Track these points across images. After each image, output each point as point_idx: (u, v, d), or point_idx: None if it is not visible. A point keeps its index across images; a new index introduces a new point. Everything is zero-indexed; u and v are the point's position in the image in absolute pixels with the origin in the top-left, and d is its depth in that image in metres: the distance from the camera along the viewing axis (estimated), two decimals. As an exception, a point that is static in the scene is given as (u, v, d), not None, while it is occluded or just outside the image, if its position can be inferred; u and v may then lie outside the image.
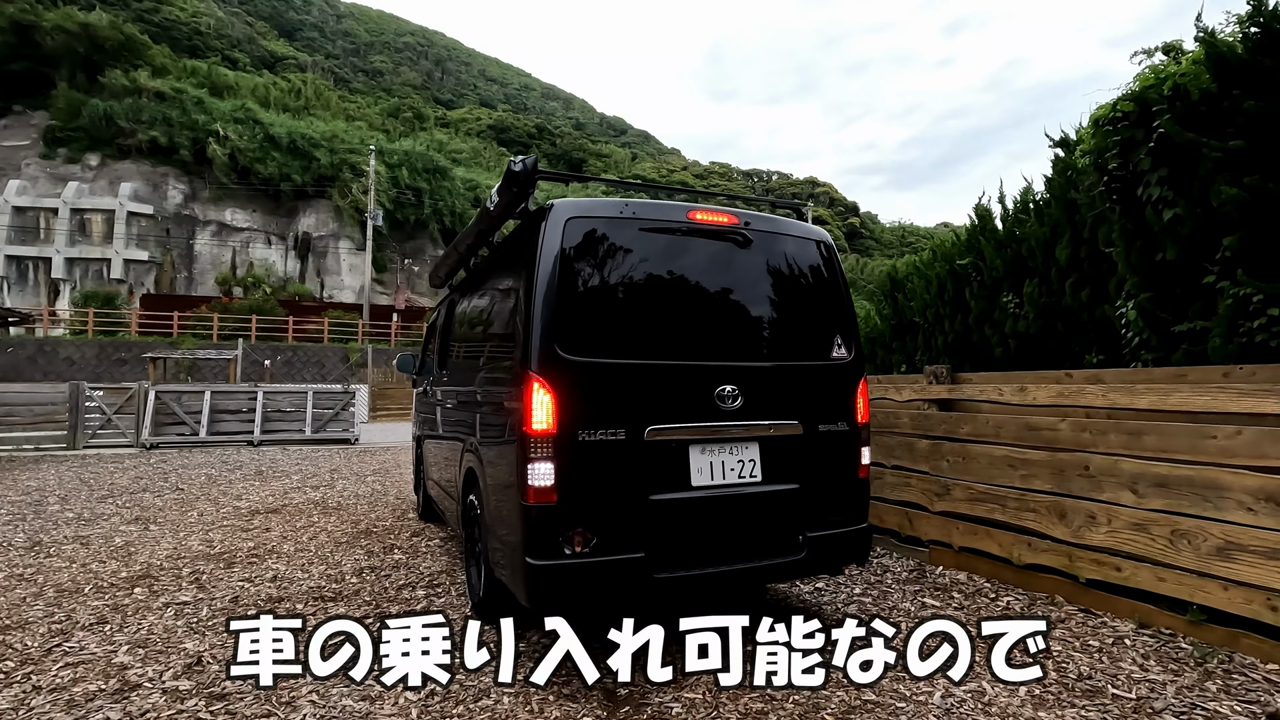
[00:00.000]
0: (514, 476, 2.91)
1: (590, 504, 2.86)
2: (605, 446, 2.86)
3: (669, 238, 3.19)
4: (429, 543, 5.67)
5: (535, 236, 3.01)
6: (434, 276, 5.68)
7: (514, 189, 3.13)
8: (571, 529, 2.80)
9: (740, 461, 3.10)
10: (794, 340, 3.42)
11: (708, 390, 3.05)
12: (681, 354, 3.09)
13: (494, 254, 3.98)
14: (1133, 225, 6.00)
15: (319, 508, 7.30)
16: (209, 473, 10.04)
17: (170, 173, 39.55)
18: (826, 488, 3.34)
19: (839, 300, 3.55)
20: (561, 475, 2.79)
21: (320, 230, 42.34)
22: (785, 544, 3.19)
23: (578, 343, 2.90)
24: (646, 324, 3.08)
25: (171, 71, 45.05)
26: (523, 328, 2.96)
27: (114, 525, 6.41)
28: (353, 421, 14.86)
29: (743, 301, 3.33)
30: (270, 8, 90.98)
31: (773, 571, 3.25)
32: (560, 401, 2.80)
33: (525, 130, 75.82)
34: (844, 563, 3.50)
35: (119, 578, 4.69)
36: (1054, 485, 3.96)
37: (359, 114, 55.75)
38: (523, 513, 2.82)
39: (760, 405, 3.14)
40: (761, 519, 3.15)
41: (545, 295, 2.88)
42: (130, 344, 27.82)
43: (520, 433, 2.83)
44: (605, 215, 3.11)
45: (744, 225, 3.34)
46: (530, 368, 2.84)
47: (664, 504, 2.94)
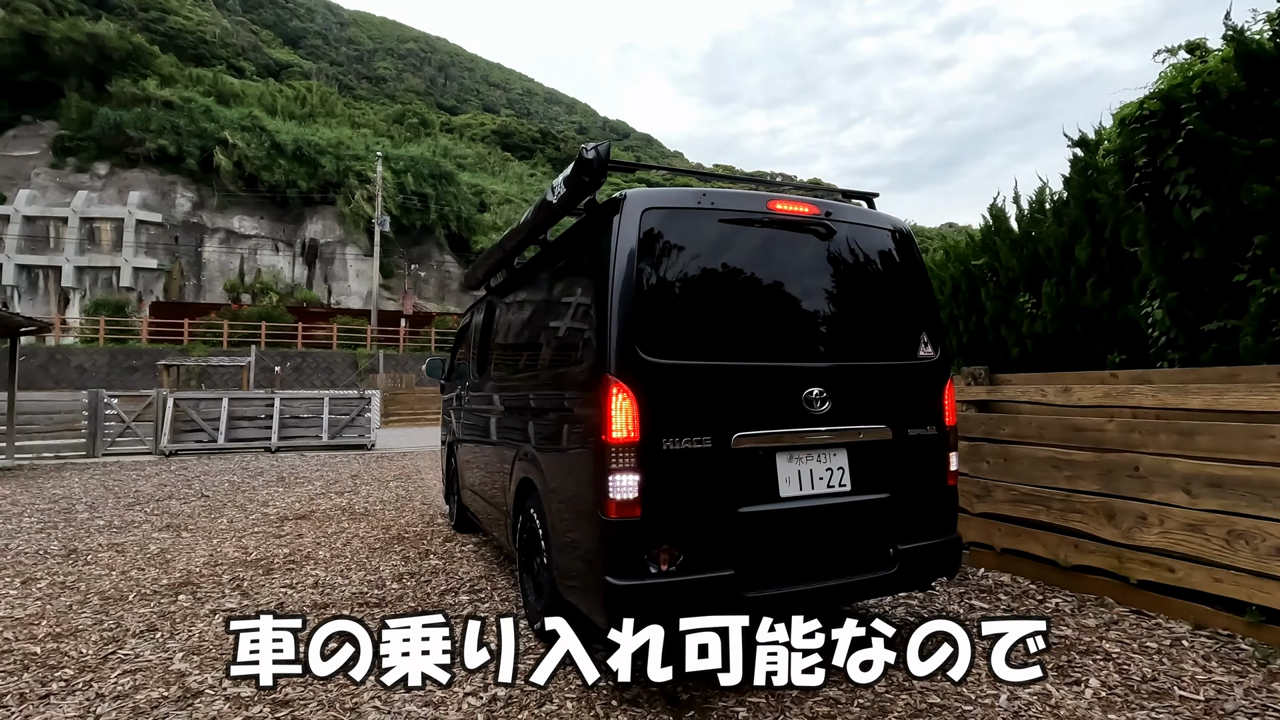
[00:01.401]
0: (589, 489, 2.75)
1: (676, 518, 2.69)
2: (690, 456, 2.71)
3: (749, 229, 3.06)
4: (463, 548, 5.68)
5: (608, 230, 2.86)
6: (470, 278, 5.58)
7: (585, 178, 2.90)
8: (657, 546, 2.64)
9: (829, 470, 2.95)
10: (880, 338, 3.26)
11: (795, 393, 2.90)
12: (767, 354, 2.95)
13: (550, 251, 3.81)
14: (1159, 224, 5.98)
15: (347, 513, 7.31)
16: (231, 479, 10.07)
17: (178, 181, 39.75)
18: (916, 496, 3.17)
19: (923, 294, 3.40)
20: (645, 487, 2.63)
21: (327, 236, 42.46)
22: (876, 558, 3.02)
23: (658, 344, 2.75)
24: (729, 322, 2.93)
25: (179, 80, 45.29)
26: (595, 329, 2.81)
27: (146, 533, 6.43)
28: (369, 427, 14.88)
29: (826, 297, 3.17)
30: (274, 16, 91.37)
31: (864, 588, 3.04)
32: (642, 407, 2.65)
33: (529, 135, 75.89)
34: (934, 576, 3.31)
35: (160, 585, 4.70)
36: (1102, 486, 3.95)
37: (364, 120, 55.91)
38: (602, 528, 2.65)
39: (849, 409, 2.99)
40: (852, 531, 3.01)
41: (622, 293, 2.73)
42: (141, 351, 27.91)
43: (598, 442, 2.67)
44: (683, 206, 2.96)
45: (825, 215, 3.20)
46: (608, 371, 2.68)
47: (753, 517, 2.79)
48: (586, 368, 2.92)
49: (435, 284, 45.46)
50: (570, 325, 3.31)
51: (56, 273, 36.20)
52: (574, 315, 3.25)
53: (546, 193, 3.41)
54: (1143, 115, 6.21)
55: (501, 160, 64.21)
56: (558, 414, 3.28)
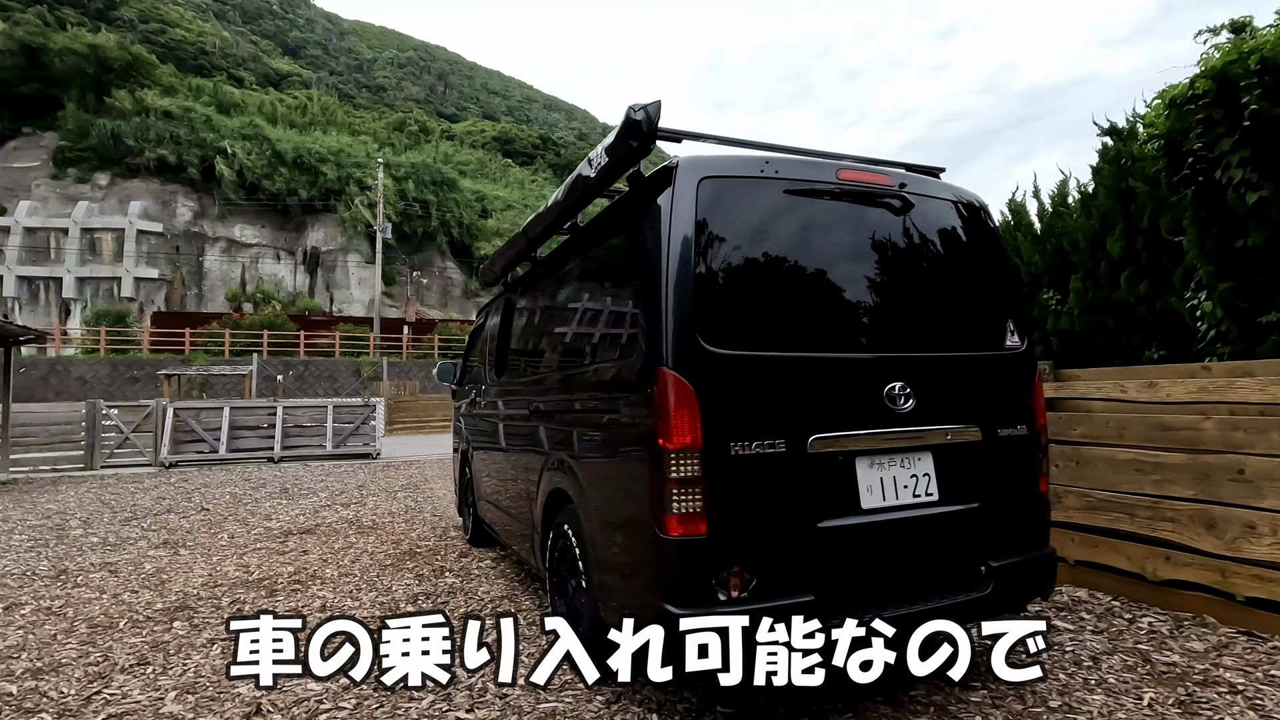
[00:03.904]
0: (643, 502, 2.39)
1: (748, 535, 2.32)
2: (763, 462, 2.33)
3: (817, 202, 2.67)
4: (480, 564, 5.27)
5: (659, 204, 2.49)
6: (487, 273, 5.18)
7: (633, 143, 2.51)
8: (726, 568, 2.26)
9: (914, 476, 2.57)
10: (964, 326, 2.88)
11: (875, 389, 2.52)
12: (842, 344, 2.59)
13: (585, 235, 3.43)
14: (1208, 211, 5.60)
15: (354, 527, 6.91)
16: (233, 491, 9.67)
17: (179, 190, 39.57)
18: (1008, 506, 2.79)
19: (1005, 276, 3.04)
20: (712, 500, 2.26)
21: (328, 244, 42.24)
22: (967, 578, 2.62)
23: (722, 333, 2.37)
24: (798, 308, 2.57)
25: (179, 90, 45.20)
26: (647, 318, 2.44)
27: (142, 550, 6.03)
28: (374, 435, 14.49)
29: (904, 279, 2.78)
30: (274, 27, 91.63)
31: (956, 612, 2.49)
32: (705, 406, 2.28)
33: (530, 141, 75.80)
34: (1030, 598, 2.94)
35: (155, 610, 4.31)
36: (1198, 491, 3.54)
37: (364, 128, 55.81)
38: (659, 549, 2.28)
39: (934, 406, 2.61)
40: (940, 547, 2.63)
41: (679, 274, 2.36)
42: (142, 361, 27.58)
43: (653, 447, 2.30)
44: (744, 174, 2.58)
45: (900, 187, 2.82)
46: (664, 364, 2.31)
47: (834, 532, 2.40)
48: (637, 362, 2.52)
49: (438, 290, 45.19)
50: (614, 316, 2.91)
51: (58, 284, 35.96)
52: (618, 304, 2.86)
53: (581, 168, 3.04)
54: (1194, 95, 5.84)
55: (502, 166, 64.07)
56: (600, 416, 2.88)
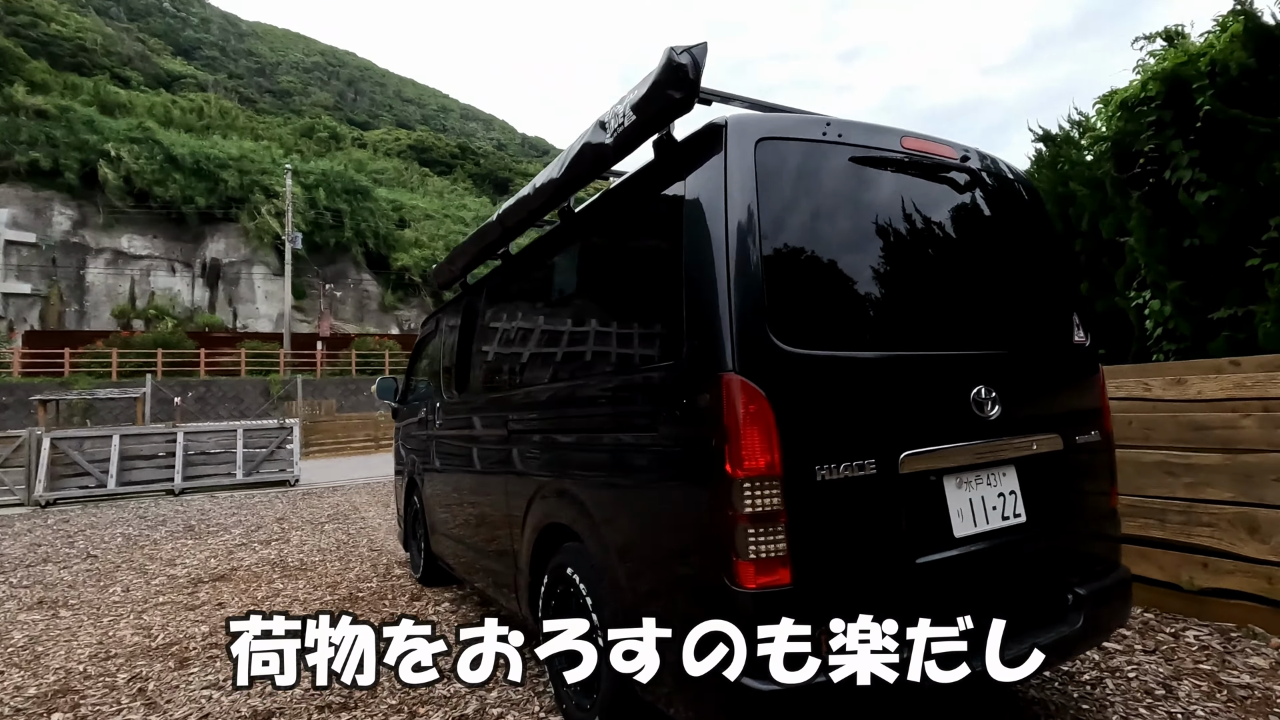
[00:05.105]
0: (702, 545, 1.91)
1: (840, 582, 1.87)
2: (852, 488, 1.87)
3: (883, 174, 2.27)
4: (438, 608, 4.57)
5: (708, 169, 2.02)
6: (444, 272, 4.45)
7: (675, 94, 2.03)
8: (819, 626, 1.76)
9: (1001, 495, 2.17)
10: (1036, 318, 2.53)
11: (962, 393, 2.12)
12: (926, 341, 2.17)
13: (583, 219, 2.89)
14: (1156, 211, 5.63)
15: (279, 569, 6.00)
16: (125, 532, 8.41)
17: (55, 197, 35.91)
18: (1085, 524, 2.47)
19: (1066, 263, 2.76)
20: (796, 540, 1.78)
21: (230, 256, 39.45)
22: (1056, 609, 2.23)
23: (797, 328, 1.91)
24: (877, 297, 2.16)
25: (54, 88, 41.21)
26: (697, 310, 1.94)
27: (10, 614, 4.96)
28: (291, 460, 13.22)
29: (976, 265, 2.42)
30: (165, 25, 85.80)
31: (1051, 652, 2.05)
32: (783, 420, 1.80)
33: (448, 150, 73.81)
34: (1116, 627, 2.61)
35: (25, 698, 3.40)
36: (1238, 494, 3.33)
37: (269, 134, 52.68)
38: (731, 605, 1.78)
39: (1018, 413, 2.22)
40: (1029, 576, 2.24)
41: (740, 256, 1.87)
42: (12, 386, 24.64)
43: (715, 473, 1.80)
44: (805, 137, 2.13)
45: (962, 160, 2.46)
46: (727, 368, 1.81)
47: (932, 570, 1.97)
48: (683, 366, 1.99)
49: (353, 304, 42.95)
50: (640, 313, 2.35)
51: (-93, 301, 31.87)
52: (647, 298, 2.30)
53: (588, 134, 2.48)
54: (1146, 97, 5.89)
55: (420, 175, 61.93)
56: (622, 436, 2.32)
